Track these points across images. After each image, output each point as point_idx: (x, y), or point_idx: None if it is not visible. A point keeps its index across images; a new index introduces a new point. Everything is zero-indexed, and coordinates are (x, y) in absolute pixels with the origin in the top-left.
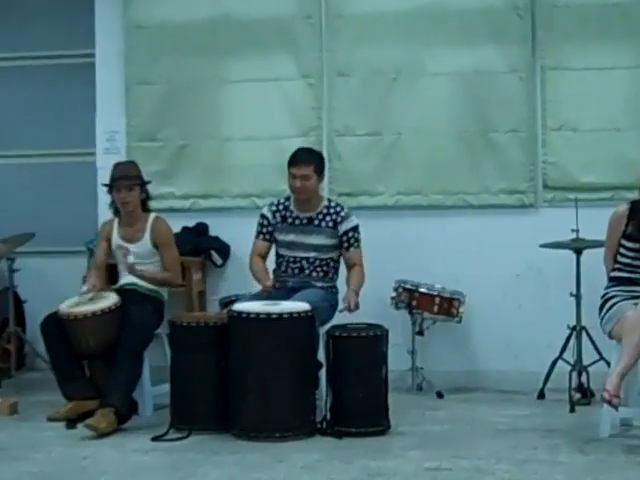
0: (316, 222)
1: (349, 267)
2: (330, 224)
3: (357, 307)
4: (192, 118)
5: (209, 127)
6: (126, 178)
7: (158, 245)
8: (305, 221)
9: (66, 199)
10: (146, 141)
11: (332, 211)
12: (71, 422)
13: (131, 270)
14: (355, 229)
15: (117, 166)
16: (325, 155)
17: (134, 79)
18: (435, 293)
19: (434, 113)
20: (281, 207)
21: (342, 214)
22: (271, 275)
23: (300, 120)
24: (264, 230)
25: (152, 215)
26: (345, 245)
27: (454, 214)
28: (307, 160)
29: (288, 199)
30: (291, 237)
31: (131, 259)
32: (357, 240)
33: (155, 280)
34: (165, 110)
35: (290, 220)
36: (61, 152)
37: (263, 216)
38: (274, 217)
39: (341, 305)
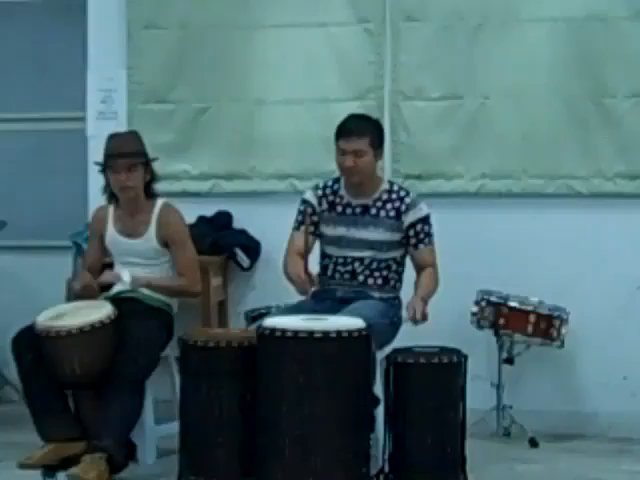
0: (373, 211)
1: (418, 270)
2: (392, 214)
3: (424, 318)
4: (214, 74)
5: (236, 86)
6: (125, 155)
7: (168, 243)
8: (359, 210)
9: (47, 178)
10: (153, 103)
11: (394, 197)
12: (50, 470)
13: (135, 286)
14: (425, 220)
15: (113, 138)
16: (387, 125)
17: (139, 21)
18: (529, 309)
19: (531, 71)
20: (329, 191)
21: (407, 201)
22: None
23: (355, 78)
24: (306, 220)
25: (159, 202)
26: (412, 241)
27: (556, 205)
28: (361, 131)
29: (338, 181)
30: (340, 231)
31: (126, 277)
32: (428, 234)
33: (170, 291)
34: (179, 63)
35: (340, 209)
36: (41, 116)
37: (305, 202)
38: (320, 204)
39: (404, 313)
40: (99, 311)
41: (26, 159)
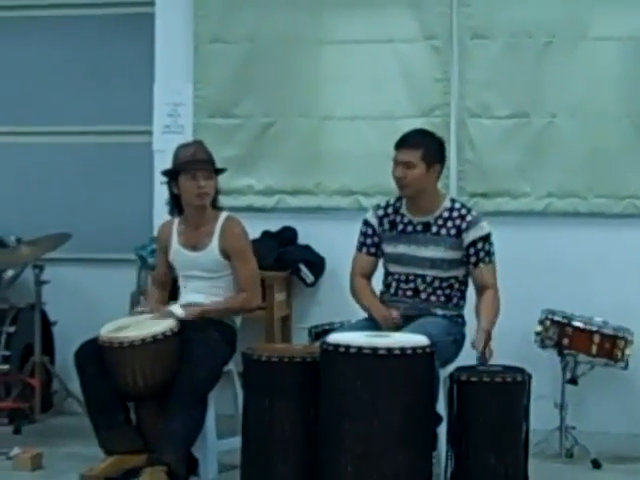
0: (434, 229)
1: (478, 290)
2: (452, 232)
3: (491, 354)
4: (280, 88)
5: (302, 101)
6: (204, 162)
7: (230, 254)
8: (420, 228)
9: (113, 191)
10: (219, 117)
11: (455, 215)
12: None
13: (190, 316)
14: (486, 239)
15: (186, 147)
16: (453, 142)
17: (205, 36)
18: (594, 329)
19: (599, 89)
20: (390, 210)
21: (468, 219)
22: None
23: (421, 95)
24: (367, 241)
25: (223, 214)
26: (472, 260)
27: (622, 224)
28: (414, 143)
29: (400, 199)
30: (402, 249)
31: (178, 312)
32: (488, 253)
33: (227, 313)
34: (245, 77)
35: (401, 227)
36: (108, 130)
37: (367, 223)
38: (380, 224)
39: (469, 343)
40: (162, 323)
41: (92, 172)
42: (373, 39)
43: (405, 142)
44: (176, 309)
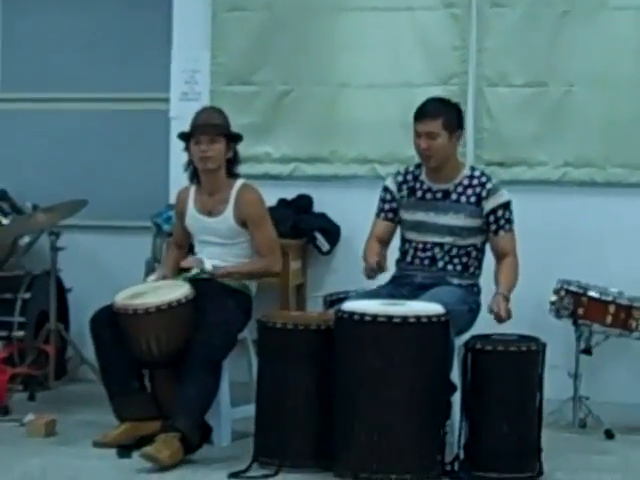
0: (454, 197)
1: (498, 257)
2: (472, 199)
3: (509, 316)
4: (297, 56)
5: (319, 69)
6: (208, 126)
7: (247, 222)
8: (440, 195)
9: (129, 158)
10: (236, 85)
11: (475, 182)
12: (124, 449)
13: (218, 277)
14: (506, 206)
15: (200, 112)
16: (470, 111)
17: (223, 3)
18: (609, 299)
19: (617, 59)
20: (409, 177)
21: (488, 186)
22: (393, 267)
23: (439, 63)
24: (386, 207)
25: (239, 182)
26: (493, 228)
27: (639, 194)
28: (434, 113)
29: (419, 167)
30: (420, 216)
31: (208, 265)
32: (509, 221)
33: (251, 275)
34: (262, 45)
35: (420, 194)
36: (124, 97)
37: (386, 189)
38: (399, 190)
39: (487, 308)
40: (177, 291)
41: (108, 139)
42: (391, 6)
43: (425, 112)
44: (207, 262)
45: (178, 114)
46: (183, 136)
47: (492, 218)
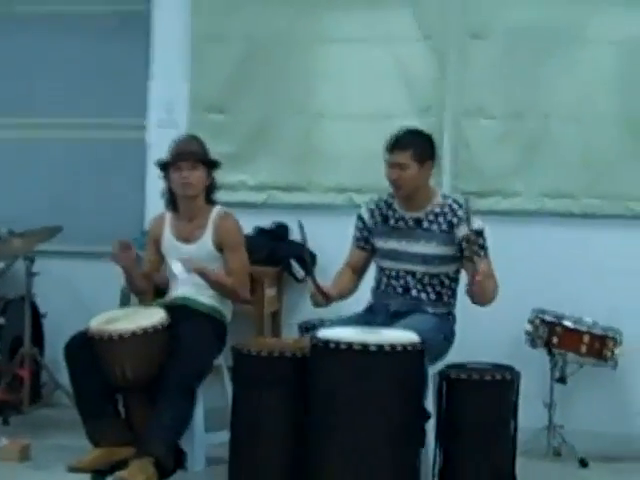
0: (425, 224)
1: None
2: (444, 227)
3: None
4: (276, 86)
5: (297, 98)
6: (189, 153)
7: (223, 247)
8: (412, 223)
9: (105, 184)
10: (214, 113)
11: (447, 210)
12: (99, 474)
13: (187, 265)
14: (479, 234)
15: (179, 140)
16: (447, 142)
17: (202, 33)
18: (583, 329)
19: (594, 92)
20: (382, 205)
21: (460, 214)
22: (369, 295)
23: (417, 94)
24: (358, 235)
25: (217, 208)
26: (466, 253)
27: (615, 225)
28: (404, 144)
29: (393, 195)
30: (392, 244)
31: (176, 269)
32: (482, 247)
33: (219, 285)
34: (241, 74)
35: (393, 222)
36: (101, 122)
37: (359, 218)
38: (372, 217)
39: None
40: (152, 317)
41: (85, 165)
42: (370, 38)
43: (395, 144)
44: (176, 267)
45: (155, 141)
46: (162, 164)
47: (464, 244)
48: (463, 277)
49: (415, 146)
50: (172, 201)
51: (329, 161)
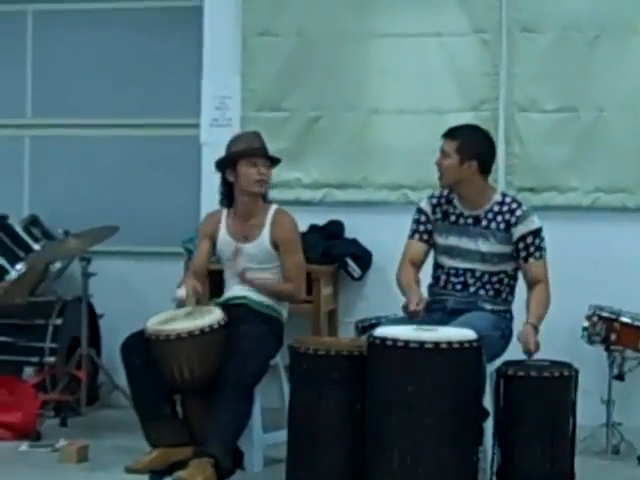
0: (484, 223)
1: (529, 285)
2: (502, 226)
3: (537, 348)
4: (328, 83)
5: (350, 95)
6: (265, 149)
7: (279, 245)
8: (471, 221)
9: (160, 184)
10: (267, 111)
11: (505, 209)
12: (157, 475)
13: (242, 278)
14: (536, 233)
15: (242, 136)
16: (501, 136)
17: (254, 29)
18: None
19: None
20: (443, 200)
21: (518, 213)
22: (425, 292)
23: (470, 89)
24: (421, 228)
25: (273, 207)
26: (522, 255)
27: None
28: (455, 135)
29: (453, 191)
30: (452, 240)
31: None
32: (539, 248)
33: (274, 293)
34: (293, 71)
35: (453, 218)
36: (155, 123)
37: (420, 211)
38: (434, 212)
39: (516, 339)
40: (209, 316)
41: (140, 165)
42: (421, 33)
43: (448, 132)
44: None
45: (209, 140)
46: (232, 158)
47: (521, 245)
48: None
49: (464, 140)
50: (229, 198)
51: (383, 158)
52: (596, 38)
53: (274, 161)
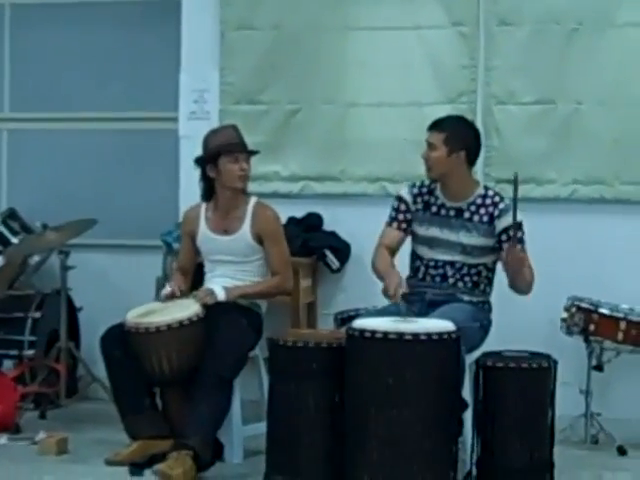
0: (467, 215)
1: None
2: (485, 219)
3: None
4: (307, 76)
5: (328, 88)
6: (245, 144)
7: (263, 238)
8: (453, 213)
9: (138, 177)
10: (245, 104)
11: (488, 202)
12: (136, 467)
13: (231, 297)
14: (519, 226)
15: (220, 131)
16: (479, 129)
17: (232, 22)
18: (620, 315)
19: (626, 76)
20: (425, 190)
21: (501, 206)
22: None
23: (448, 81)
24: (400, 217)
25: (253, 199)
26: (505, 246)
27: None
28: (441, 126)
29: (435, 181)
30: (433, 232)
31: (220, 294)
32: (521, 241)
33: (263, 294)
34: (272, 64)
35: (435, 209)
36: (133, 116)
37: (400, 199)
38: (415, 202)
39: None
40: (188, 309)
41: (118, 158)
42: (399, 26)
43: (433, 124)
44: (218, 291)
45: (187, 133)
46: (205, 156)
47: (504, 237)
48: (499, 266)
49: (451, 132)
50: (210, 192)
51: (361, 150)
52: (574, 31)
53: (252, 154)
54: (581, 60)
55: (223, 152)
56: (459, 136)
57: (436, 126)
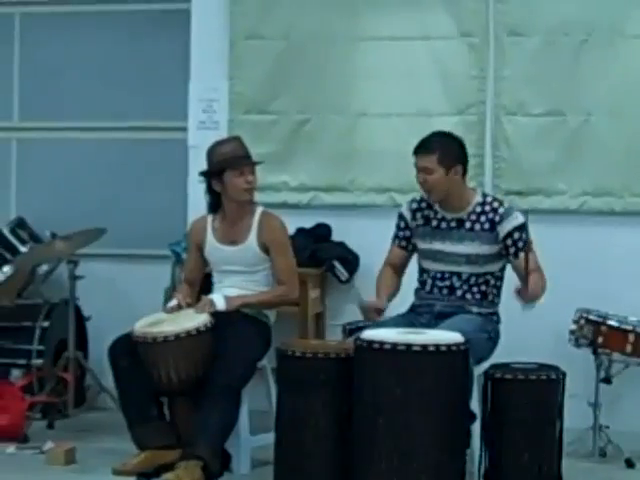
0: (468, 225)
1: (522, 280)
2: (486, 226)
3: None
4: (316, 86)
5: (338, 98)
6: (250, 157)
7: (269, 247)
8: (454, 224)
9: (147, 187)
10: (254, 114)
11: (488, 209)
12: (144, 477)
13: (232, 307)
14: (521, 228)
15: (224, 144)
16: (488, 140)
17: (241, 32)
18: (629, 328)
19: (635, 88)
20: (424, 205)
21: (500, 211)
22: (412, 296)
23: (457, 92)
24: (400, 234)
25: (259, 209)
26: (512, 251)
27: None
28: (430, 148)
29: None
30: (436, 245)
31: (220, 304)
32: (525, 242)
33: (268, 304)
34: (280, 74)
35: (435, 223)
36: (142, 125)
37: (400, 216)
38: (414, 218)
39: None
40: (196, 319)
41: (127, 168)
42: (409, 36)
43: (421, 148)
44: (218, 300)
45: (196, 143)
46: (210, 171)
47: (509, 242)
48: (508, 276)
49: (442, 150)
50: (216, 205)
51: (370, 161)
52: (583, 42)
53: (257, 163)
54: (591, 71)
55: (228, 166)
56: (450, 152)
57: (424, 148)
